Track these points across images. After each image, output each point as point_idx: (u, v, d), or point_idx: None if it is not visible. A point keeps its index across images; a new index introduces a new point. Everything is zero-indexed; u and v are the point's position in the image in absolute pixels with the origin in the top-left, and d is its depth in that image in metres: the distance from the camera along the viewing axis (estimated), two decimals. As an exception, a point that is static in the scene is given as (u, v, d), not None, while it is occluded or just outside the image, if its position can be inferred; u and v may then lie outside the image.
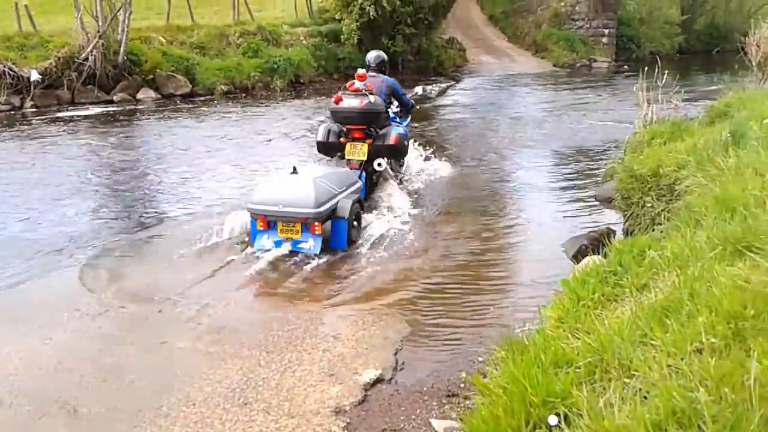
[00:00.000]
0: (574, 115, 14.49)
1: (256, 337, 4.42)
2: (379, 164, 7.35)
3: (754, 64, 10.11)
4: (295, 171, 6.05)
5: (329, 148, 7.50)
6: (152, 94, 17.03)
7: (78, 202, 7.90)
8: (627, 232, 5.90)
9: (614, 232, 6.11)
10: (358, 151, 7.23)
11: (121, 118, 14.33)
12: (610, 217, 6.82)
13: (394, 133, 7.36)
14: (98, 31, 16.07)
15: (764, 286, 2.37)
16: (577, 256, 5.49)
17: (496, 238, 6.61)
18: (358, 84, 7.28)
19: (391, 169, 8.11)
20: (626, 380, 2.22)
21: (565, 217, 7.23)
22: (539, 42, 27.86)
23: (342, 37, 21.03)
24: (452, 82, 21.06)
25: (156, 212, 7.53)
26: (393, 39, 21.52)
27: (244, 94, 18.07)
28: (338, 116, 7.27)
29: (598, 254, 4.89)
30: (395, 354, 4.23)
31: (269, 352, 4.21)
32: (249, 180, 8.69)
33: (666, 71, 8.67)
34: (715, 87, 14.31)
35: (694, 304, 2.43)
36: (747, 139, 4.89)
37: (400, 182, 8.25)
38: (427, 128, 12.91)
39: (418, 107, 9.21)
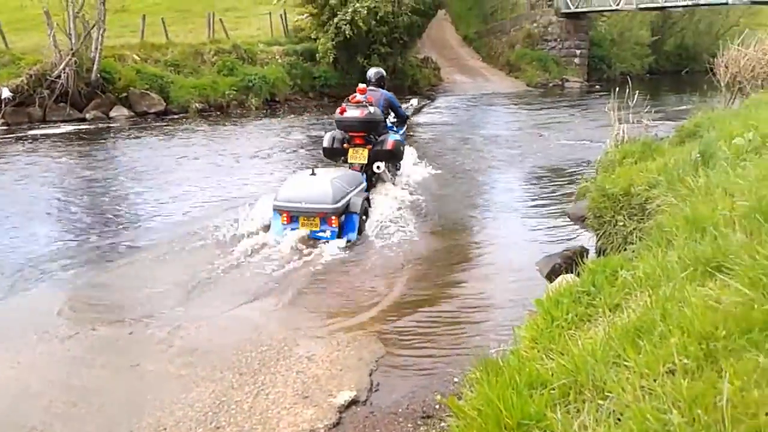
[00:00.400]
0: (547, 134, 14.64)
1: (229, 359, 4.37)
2: (378, 167, 8.18)
3: (722, 84, 10.31)
4: (313, 173, 7.02)
5: (334, 153, 8.36)
6: (125, 112, 16.92)
7: (47, 221, 7.79)
8: (600, 251, 5.93)
9: (587, 250, 6.15)
10: (360, 156, 8.05)
11: (94, 136, 14.21)
12: (583, 236, 6.87)
13: (391, 139, 8.18)
14: (71, 49, 15.97)
15: (734, 306, 2.39)
16: (551, 276, 5.52)
17: (470, 257, 6.63)
18: (359, 96, 8.07)
19: (388, 171, 8.70)
20: (600, 402, 2.22)
21: (538, 235, 7.27)
22: (513, 62, 28.19)
23: (317, 55, 21.11)
24: (427, 101, 21.18)
25: (127, 232, 7.44)
26: (368, 58, 21.63)
27: (218, 112, 18.03)
28: (342, 125, 8.10)
29: (572, 273, 4.91)
30: (370, 375, 4.20)
31: (242, 374, 4.16)
32: (221, 200, 8.63)
33: (637, 91, 8.79)
34: (684, 107, 14.57)
35: (666, 325, 2.44)
36: (716, 159, 4.96)
37: (394, 184, 8.88)
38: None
39: (408, 115, 9.91)
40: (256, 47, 21.09)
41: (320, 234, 6.73)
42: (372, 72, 9.13)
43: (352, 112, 7.93)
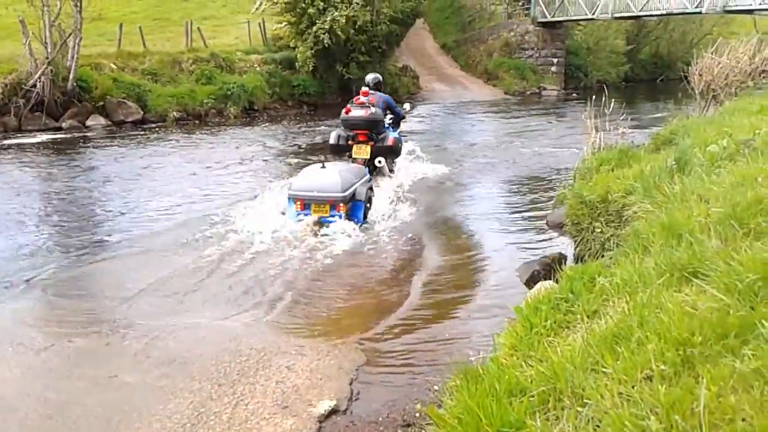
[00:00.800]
0: (525, 142, 14.74)
1: (207, 370, 4.33)
2: (379, 161, 9.19)
3: (696, 92, 10.47)
4: (323, 166, 7.74)
5: (339, 150, 9.29)
6: (102, 120, 16.76)
7: (21, 231, 7.67)
8: (578, 258, 5.98)
9: (566, 257, 6.19)
10: (363, 151, 8.99)
11: (70, 145, 14.06)
12: (562, 243, 6.91)
13: (391, 137, 9.34)
14: (47, 58, 15.80)
15: (710, 312, 2.42)
16: (530, 282, 5.54)
17: (450, 264, 6.63)
18: (363, 98, 9.02)
19: (387, 165, 9.57)
20: (579, 409, 2.22)
21: (518, 242, 7.30)
22: (491, 70, 28.35)
23: (296, 64, 21.10)
24: (407, 109, 21.18)
25: (103, 242, 7.35)
26: (347, 66, 21.69)
27: (196, 121, 17.94)
28: (347, 123, 9.04)
29: (551, 279, 4.94)
30: (350, 384, 4.18)
31: (221, 384, 4.12)
32: (199, 209, 8.57)
33: (613, 99, 8.91)
34: (660, 114, 14.76)
35: (644, 331, 2.46)
36: (691, 165, 5.02)
37: (391, 177, 9.71)
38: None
39: (407, 119, 11.17)
40: (234, 56, 21.03)
41: (329, 219, 7.43)
42: (370, 77, 10.02)
43: (357, 112, 8.91)
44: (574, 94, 26.35)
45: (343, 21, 20.23)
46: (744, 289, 2.50)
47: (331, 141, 9.36)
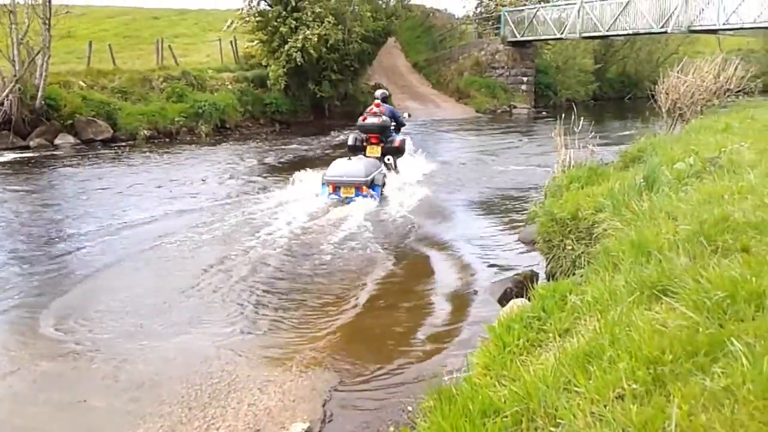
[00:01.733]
0: (497, 160, 14.86)
1: (177, 393, 4.25)
2: (388, 159, 11.28)
3: (663, 110, 10.67)
4: (350, 159, 10.05)
5: (356, 149, 11.15)
6: (71, 139, 16.56)
7: (-13, 253, 7.51)
8: (550, 275, 6.01)
9: (538, 274, 6.22)
10: (375, 151, 11.06)
11: (37, 164, 13.84)
12: (534, 260, 6.95)
13: (398, 139, 11.51)
14: (15, 76, 15.59)
15: (680, 330, 2.44)
16: (503, 300, 5.55)
17: (423, 283, 6.63)
18: (375, 110, 11.18)
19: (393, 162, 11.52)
20: (552, 429, 2.22)
21: (491, 260, 7.32)
22: (462, 89, 28.58)
23: (268, 82, 21.08)
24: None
25: (70, 262, 7.22)
26: (320, 84, 21.74)
27: (167, 139, 17.81)
28: (363, 129, 11.19)
29: (523, 297, 4.96)
30: (323, 405, 4.14)
31: (191, 408, 4.06)
32: (167, 228, 8.48)
33: (582, 117, 9.02)
34: (628, 132, 14.98)
35: (615, 350, 2.47)
36: (659, 183, 5.10)
37: (397, 172, 11.49)
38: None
39: (407, 124, 13.15)
40: (205, 74, 20.96)
41: (355, 199, 9.48)
42: (379, 93, 12.44)
43: (372, 120, 11.07)
44: (544, 113, 26.65)
45: (315, 39, 20.30)
46: (713, 307, 2.53)
47: (350, 142, 11.40)
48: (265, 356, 4.87)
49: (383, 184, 10.12)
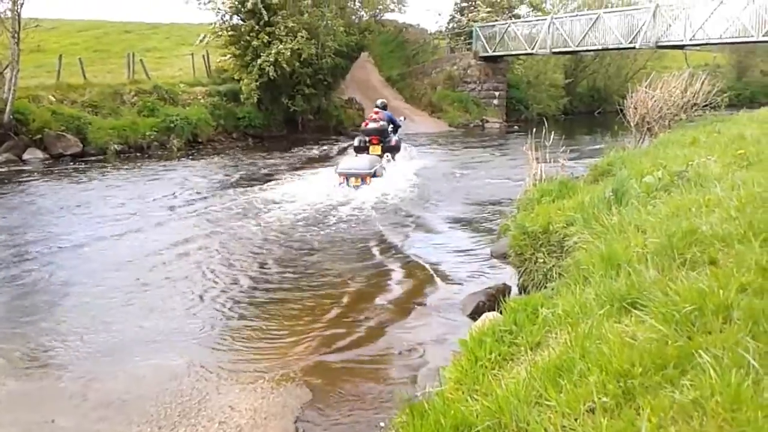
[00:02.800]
0: (469, 174, 14.92)
1: (147, 412, 4.19)
2: (387, 156, 13.68)
3: (632, 124, 10.82)
4: (357, 155, 13.07)
5: (360, 149, 13.66)
6: (40, 154, 16.31)
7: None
8: (522, 288, 6.04)
9: (510, 288, 6.23)
10: (376, 150, 13.45)
11: (4, 180, 13.60)
12: (506, 273, 6.97)
13: (394, 139, 14.12)
14: (-19, 90, 15.35)
15: (649, 342, 2.45)
16: (475, 314, 5.56)
17: (393, 297, 6.61)
18: (375, 116, 13.66)
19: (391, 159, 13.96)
20: (523, 444, 2.22)
21: (463, 273, 7.33)
22: (435, 103, 28.73)
23: (241, 96, 21.00)
24: (352, 142, 21.29)
25: (36, 280, 7.09)
26: (293, 99, 21.72)
27: (138, 154, 17.63)
28: (366, 132, 13.64)
29: (495, 310, 4.96)
30: (295, 422, 4.10)
31: (161, 427, 3.99)
32: (133, 244, 8.39)
33: (553, 131, 9.10)
34: (598, 146, 15.14)
35: (586, 363, 2.48)
36: (629, 196, 5.16)
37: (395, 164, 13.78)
38: (327, 188, 12.89)
39: (401, 126, 15.26)
40: (177, 88, 20.81)
41: (360, 187, 11.85)
42: (379, 102, 15.05)
43: (373, 125, 13.56)
44: (515, 127, 26.89)
45: (288, 54, 20.29)
46: (681, 319, 2.55)
47: (355, 143, 13.94)
48: (237, 372, 4.81)
49: (382, 176, 12.64)
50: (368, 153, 13.38)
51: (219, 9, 21.50)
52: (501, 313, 4.18)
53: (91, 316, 5.89)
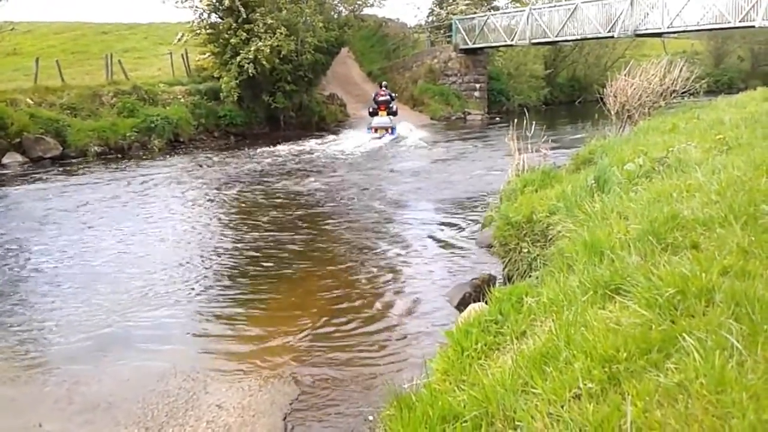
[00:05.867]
0: (453, 166, 14.95)
1: (134, 413, 4.16)
2: (391, 119, 20.52)
3: (612, 113, 10.86)
4: (380, 116, 20.54)
5: (372, 114, 20.81)
6: (19, 158, 16.10)
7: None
8: (507, 278, 6.06)
9: (495, 278, 6.25)
10: (383, 114, 20.52)
11: (-17, 184, 13.43)
12: (491, 264, 6.99)
13: (394, 108, 21.09)
14: (-43, 94, 15.13)
15: (633, 327, 2.46)
16: (461, 305, 5.56)
17: (381, 290, 6.61)
18: (381, 92, 20.92)
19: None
20: (511, 432, 2.22)
21: (449, 265, 7.35)
22: (416, 96, 28.71)
23: (221, 94, 20.86)
24: (334, 137, 21.29)
25: (20, 283, 7.02)
26: (273, 96, 21.61)
27: (119, 155, 17.45)
28: (377, 102, 20.77)
29: (481, 301, 4.97)
30: (284, 419, 4.09)
31: (148, 428, 3.97)
32: (120, 248, 8.33)
33: (534, 122, 9.13)
34: (579, 135, 15.19)
35: (571, 350, 2.48)
36: (610, 184, 5.18)
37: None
38: (308, 185, 12.89)
39: (395, 98, 21.72)
40: (157, 87, 20.61)
41: (385, 135, 19.92)
42: (383, 83, 22.45)
43: (381, 98, 20.68)
44: (497, 118, 26.92)
45: (268, 51, 20.17)
46: (664, 303, 2.56)
47: (369, 110, 21.36)
48: (224, 371, 4.79)
49: (395, 130, 20.51)
50: (378, 116, 20.62)
51: (197, 7, 21.37)
52: (487, 303, 4.18)
53: (74, 319, 5.83)
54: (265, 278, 6.93)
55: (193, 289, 6.61)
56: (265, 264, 7.42)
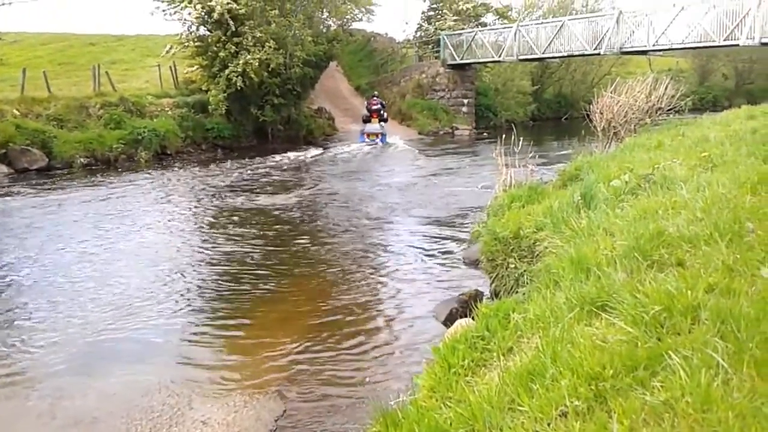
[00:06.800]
0: (440, 181, 14.99)
1: (117, 429, 4.13)
2: (382, 125, 23.33)
3: (599, 129, 10.94)
4: (372, 122, 23.31)
5: (366, 120, 23.43)
6: (4, 169, 15.99)
7: None
8: (494, 294, 6.05)
9: (482, 293, 6.25)
10: (376, 121, 23.30)
11: (-33, 195, 13.30)
12: (479, 279, 6.99)
13: (385, 115, 23.82)
14: (-59, 104, 15.01)
15: (620, 345, 2.46)
16: (448, 321, 5.56)
17: (366, 305, 6.59)
18: (374, 101, 23.55)
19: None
20: (497, 450, 2.21)
21: (435, 280, 7.34)
22: (405, 111, 28.81)
23: (210, 107, 20.85)
24: (322, 151, 21.30)
25: (6, 297, 6.93)
26: (262, 109, 21.63)
27: (105, 167, 17.37)
28: (369, 109, 23.58)
29: (468, 317, 4.97)
30: (269, 436, 4.05)
31: (131, 445, 3.91)
32: (105, 258, 8.26)
33: (521, 138, 9.17)
34: (565, 151, 15.29)
35: (557, 367, 2.48)
36: (597, 200, 5.20)
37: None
38: (295, 199, 12.87)
39: (387, 120, 24.23)
40: (144, 99, 20.57)
41: (376, 141, 22.50)
42: (375, 92, 25.25)
43: (375, 106, 23.31)
44: (484, 134, 27.06)
45: (256, 64, 20.23)
46: (650, 321, 2.57)
47: (363, 116, 23.64)
48: (209, 387, 4.75)
49: (385, 136, 22.83)
50: (371, 122, 23.20)
51: (185, 20, 21.40)
52: (474, 319, 4.17)
53: (58, 333, 5.77)
54: (250, 293, 6.90)
55: (177, 303, 6.57)
56: (250, 279, 7.39)
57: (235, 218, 10.86)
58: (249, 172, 16.91)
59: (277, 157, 19.28)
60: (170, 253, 8.55)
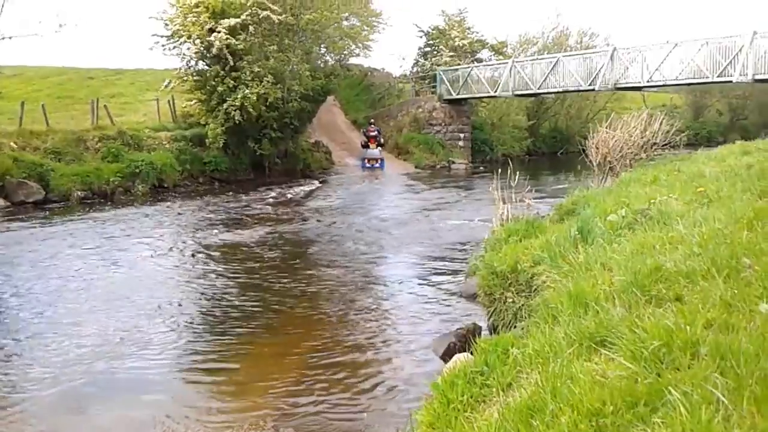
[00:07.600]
0: (437, 215, 15.02)
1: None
2: (380, 150, 26.49)
3: (594, 164, 11.01)
4: (370, 148, 26.40)
5: (364, 146, 26.56)
6: (1, 202, 16.03)
7: None
8: (492, 328, 6.03)
9: (480, 328, 6.22)
10: (374, 146, 26.40)
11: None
12: (476, 313, 6.97)
13: (382, 140, 27.13)
14: (-60, 137, 15.06)
15: (619, 381, 2.46)
16: (446, 355, 5.52)
17: (364, 340, 6.56)
18: (371, 128, 26.90)
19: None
20: (497, 488, 2.18)
21: (433, 315, 7.33)
22: (401, 145, 29.00)
23: (207, 141, 20.95)
24: (319, 184, 21.37)
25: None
26: (259, 142, 21.73)
27: (102, 200, 17.39)
28: (367, 136, 26.76)
29: (467, 351, 4.94)
30: (265, 473, 3.99)
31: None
32: (99, 296, 8.22)
33: (518, 172, 9.22)
34: (562, 186, 15.38)
35: (557, 403, 2.46)
36: (594, 235, 5.21)
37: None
38: (291, 233, 12.87)
39: (384, 145, 27.13)
40: (142, 133, 20.68)
41: (375, 166, 25.66)
42: (372, 120, 28.09)
43: (372, 133, 26.65)
44: (481, 168, 27.21)
45: (254, 98, 20.37)
46: (649, 356, 2.56)
47: (361, 143, 26.97)
48: (205, 420, 4.71)
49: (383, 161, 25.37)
50: (369, 148, 25.92)
51: (184, 54, 21.62)
52: (472, 353, 4.15)
53: (52, 367, 5.72)
54: (246, 326, 6.86)
55: (173, 335, 6.53)
56: (246, 312, 7.36)
57: (231, 252, 10.85)
58: (245, 205, 16.93)
59: (274, 191, 19.33)
60: (165, 287, 8.53)
